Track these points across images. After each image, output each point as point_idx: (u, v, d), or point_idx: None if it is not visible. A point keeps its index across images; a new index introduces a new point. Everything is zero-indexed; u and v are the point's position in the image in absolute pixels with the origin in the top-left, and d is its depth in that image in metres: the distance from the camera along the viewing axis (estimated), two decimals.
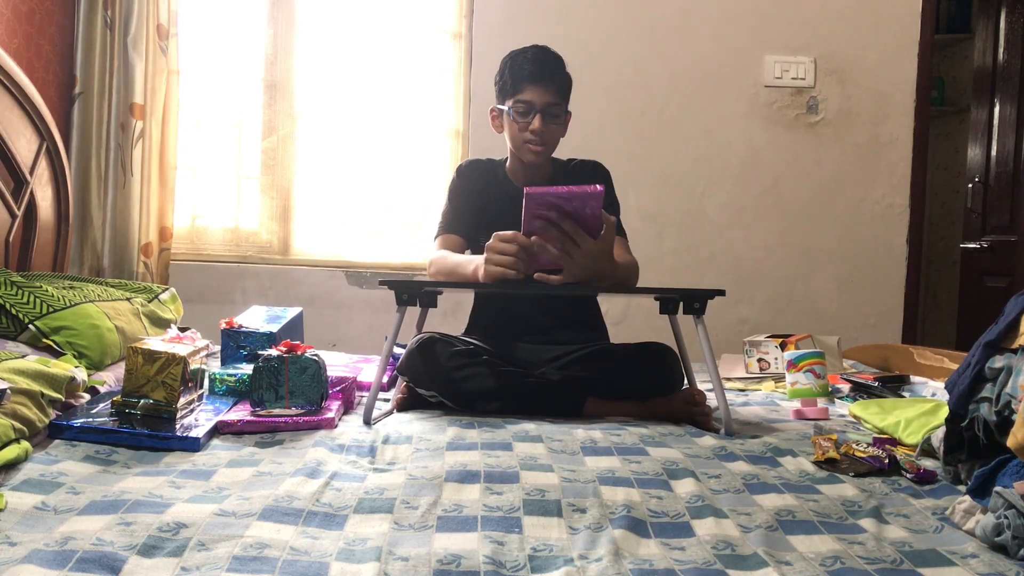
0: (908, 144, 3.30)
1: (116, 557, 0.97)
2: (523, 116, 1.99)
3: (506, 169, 2.14)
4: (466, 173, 2.15)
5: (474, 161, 2.19)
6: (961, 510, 1.19)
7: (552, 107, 2.00)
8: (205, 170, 3.27)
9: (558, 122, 2.03)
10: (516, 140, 2.03)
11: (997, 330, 1.35)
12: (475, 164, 2.18)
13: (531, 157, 2.04)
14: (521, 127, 2.00)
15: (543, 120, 1.99)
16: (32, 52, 2.79)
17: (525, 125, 1.99)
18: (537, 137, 2.00)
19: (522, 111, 1.99)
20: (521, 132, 2.01)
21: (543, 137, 2.01)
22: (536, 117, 1.98)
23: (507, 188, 2.10)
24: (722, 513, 1.21)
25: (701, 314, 1.82)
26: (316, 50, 3.29)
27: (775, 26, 3.27)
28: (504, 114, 2.03)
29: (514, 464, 1.39)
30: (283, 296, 3.16)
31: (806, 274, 3.31)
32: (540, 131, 1.99)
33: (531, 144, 2.01)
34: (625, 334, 2.30)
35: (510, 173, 2.13)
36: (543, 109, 1.98)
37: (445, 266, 1.97)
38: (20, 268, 2.47)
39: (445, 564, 1.00)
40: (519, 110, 1.99)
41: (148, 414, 1.57)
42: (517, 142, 2.03)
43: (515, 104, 1.99)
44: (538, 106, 1.98)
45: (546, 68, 2.00)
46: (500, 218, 2.04)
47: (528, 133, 1.99)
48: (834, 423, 1.86)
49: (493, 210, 2.07)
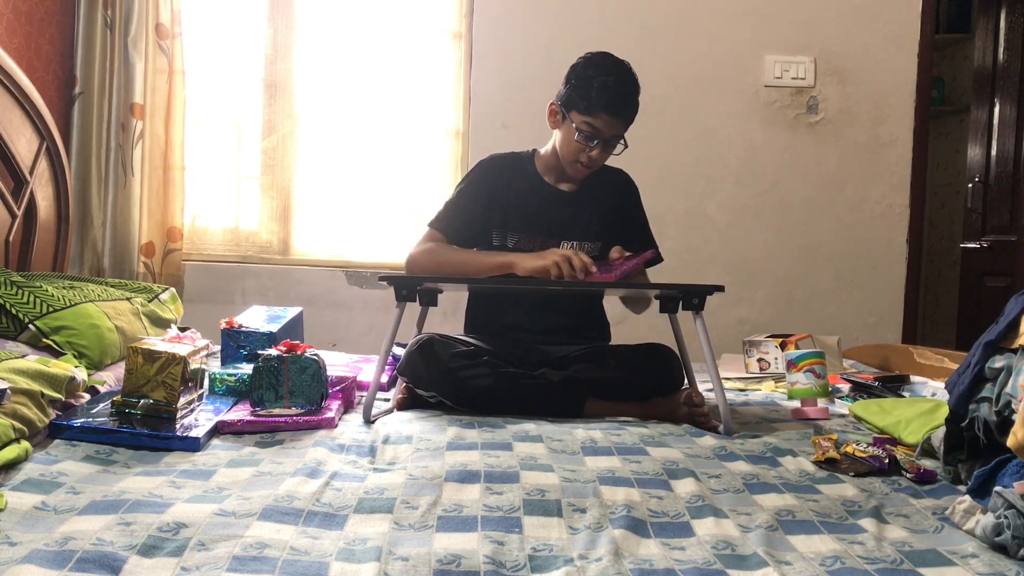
0: (908, 144, 3.30)
1: (116, 557, 0.97)
2: (587, 139, 1.96)
3: (536, 163, 2.11)
4: (486, 171, 2.09)
5: (497, 156, 2.13)
6: (961, 510, 1.19)
7: (616, 139, 1.98)
8: (205, 170, 3.27)
9: (615, 152, 2.02)
10: (569, 154, 2.00)
11: (997, 330, 1.35)
12: (498, 160, 2.12)
13: (575, 173, 2.04)
14: (580, 149, 1.98)
15: (602, 151, 1.98)
16: (32, 52, 2.79)
17: (586, 149, 1.97)
18: (591, 163, 1.99)
19: (588, 135, 1.95)
20: (578, 153, 1.98)
21: (596, 164, 2.01)
22: (598, 148, 1.96)
23: (536, 184, 2.08)
24: (722, 513, 1.21)
25: (700, 310, 1.82)
26: (316, 50, 3.29)
27: (775, 26, 3.27)
28: (566, 121, 1.99)
29: (514, 464, 1.39)
30: (283, 296, 3.16)
31: (806, 274, 3.31)
32: (597, 159, 1.99)
33: (582, 165, 2.00)
34: (625, 334, 2.30)
35: (542, 167, 2.10)
36: (607, 140, 1.97)
37: (453, 258, 1.96)
38: (20, 268, 2.46)
39: (445, 564, 1.00)
40: (586, 133, 1.95)
41: (148, 414, 1.57)
42: (569, 156, 2.00)
43: (583, 125, 1.95)
44: (605, 136, 1.96)
45: (627, 102, 1.96)
46: (525, 212, 2.05)
47: (585, 157, 1.98)
48: (834, 423, 1.85)
49: (517, 203, 2.05)
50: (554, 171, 2.09)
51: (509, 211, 2.05)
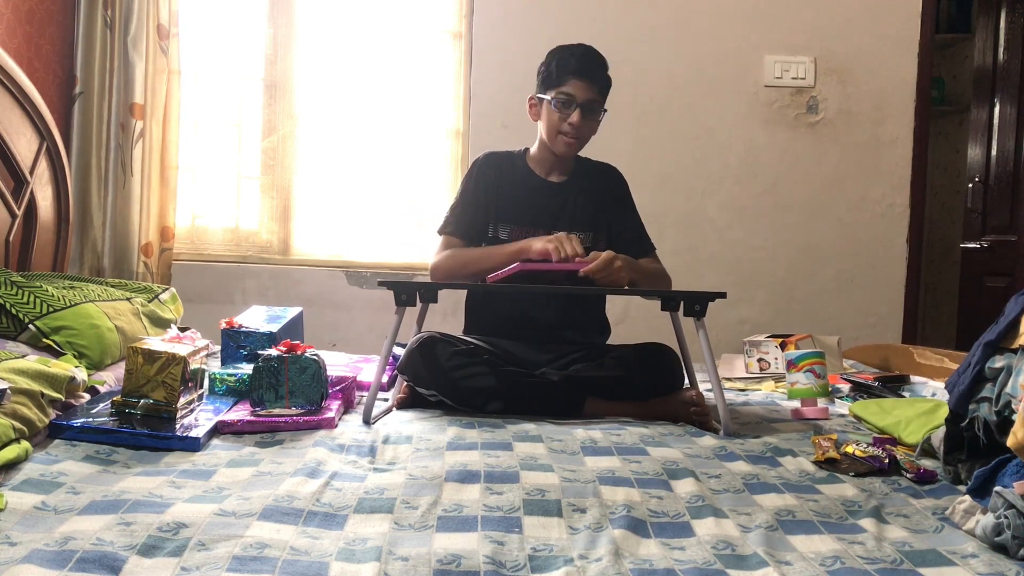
0: (908, 144, 3.30)
1: (116, 557, 0.97)
2: (564, 108, 2.02)
3: (527, 158, 2.16)
4: (482, 167, 2.16)
5: (491, 154, 2.19)
6: (961, 510, 1.19)
7: (592, 103, 2.03)
8: (205, 170, 3.27)
9: (595, 119, 2.06)
10: (551, 130, 2.06)
11: (997, 330, 1.35)
12: (492, 157, 2.18)
13: (563, 149, 2.07)
14: (561, 118, 2.03)
15: (582, 115, 2.02)
16: (32, 52, 2.79)
17: (565, 117, 2.02)
18: (573, 131, 2.03)
19: (564, 102, 2.02)
20: (559, 123, 2.03)
21: (579, 131, 2.04)
22: (576, 111, 2.01)
23: (527, 176, 2.14)
24: (722, 513, 1.21)
25: (702, 316, 1.82)
26: (316, 50, 3.28)
27: (775, 26, 3.27)
28: (543, 103, 2.06)
29: (514, 464, 1.39)
30: (283, 296, 3.16)
31: (806, 274, 3.31)
32: (578, 125, 2.03)
33: (566, 136, 2.05)
34: (625, 334, 2.30)
35: (532, 162, 2.16)
36: (584, 104, 2.02)
37: (473, 256, 2.02)
38: (20, 268, 2.46)
39: (445, 564, 1.00)
40: (561, 100, 2.02)
41: (148, 414, 1.57)
42: (552, 132, 2.06)
43: (558, 95, 2.02)
44: (580, 100, 2.01)
45: (592, 65, 2.04)
46: (518, 206, 2.09)
47: (566, 125, 2.03)
48: (834, 423, 1.86)
49: (511, 197, 2.10)
50: (544, 164, 2.14)
51: (501, 203, 2.10)
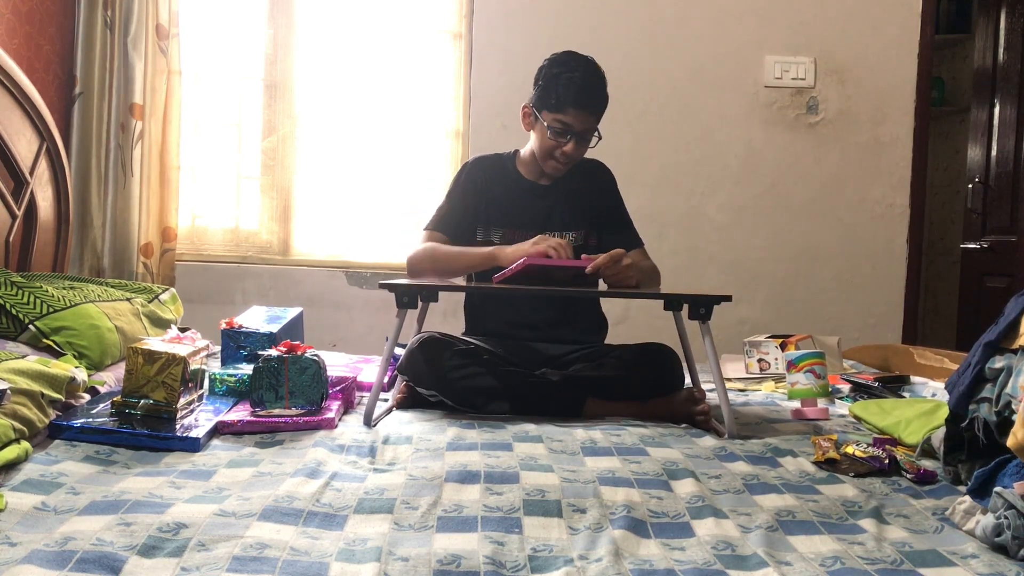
0: (908, 144, 3.30)
1: (116, 557, 0.97)
2: (559, 136, 2.00)
3: (517, 161, 2.16)
4: (471, 171, 2.16)
5: (480, 158, 2.20)
6: (961, 510, 1.19)
7: (588, 133, 2.02)
8: (205, 170, 3.27)
9: (589, 145, 2.06)
10: (544, 152, 2.05)
11: (997, 330, 1.35)
12: (481, 161, 2.19)
13: (552, 171, 2.08)
14: (555, 145, 2.01)
15: (576, 145, 2.01)
16: (32, 52, 2.79)
17: (559, 145, 2.01)
18: (566, 159, 2.03)
19: (559, 131, 2.00)
20: (553, 149, 2.02)
21: (571, 159, 2.04)
22: (571, 142, 2.00)
23: (517, 180, 2.14)
24: (722, 513, 1.21)
25: (707, 319, 1.79)
26: (316, 50, 3.28)
27: (775, 26, 3.27)
28: (538, 121, 2.03)
29: (514, 464, 1.39)
30: (283, 296, 3.16)
31: (806, 274, 3.31)
32: (571, 154, 2.02)
33: (557, 162, 2.04)
34: (626, 334, 2.30)
35: (522, 165, 2.15)
36: (580, 134, 2.00)
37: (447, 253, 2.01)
38: (20, 268, 2.46)
39: (445, 564, 1.00)
40: (557, 129, 2.00)
41: (148, 414, 1.57)
42: (544, 154, 2.05)
43: (554, 123, 1.99)
44: (576, 130, 1.99)
45: (593, 96, 2.00)
46: (509, 209, 2.09)
47: (559, 152, 2.02)
48: (834, 423, 1.86)
49: (501, 201, 2.10)
50: (533, 167, 2.14)
51: (491, 207, 2.11)
